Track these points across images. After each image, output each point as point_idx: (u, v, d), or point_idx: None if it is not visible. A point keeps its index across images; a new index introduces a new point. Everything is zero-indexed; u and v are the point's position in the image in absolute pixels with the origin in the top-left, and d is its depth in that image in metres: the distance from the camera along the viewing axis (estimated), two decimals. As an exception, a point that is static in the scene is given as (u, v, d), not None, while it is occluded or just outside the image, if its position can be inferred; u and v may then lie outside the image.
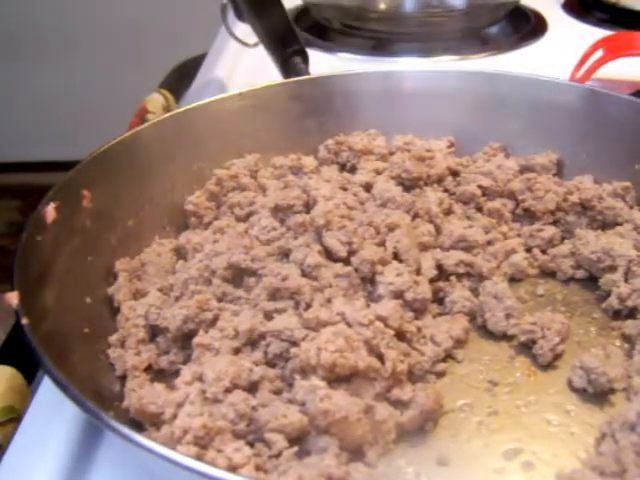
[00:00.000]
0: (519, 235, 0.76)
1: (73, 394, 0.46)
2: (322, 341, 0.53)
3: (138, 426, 0.53)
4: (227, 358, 0.55)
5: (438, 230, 0.73)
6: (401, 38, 1.37)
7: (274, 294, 0.62)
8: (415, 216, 0.73)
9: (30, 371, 0.70)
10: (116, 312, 0.65)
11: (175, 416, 0.51)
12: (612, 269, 0.69)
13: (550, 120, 0.84)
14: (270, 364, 0.57)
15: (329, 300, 0.61)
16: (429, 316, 0.65)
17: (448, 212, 0.76)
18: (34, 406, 0.62)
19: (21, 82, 3.03)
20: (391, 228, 0.69)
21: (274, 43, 0.97)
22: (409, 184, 0.78)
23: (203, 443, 0.49)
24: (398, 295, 0.63)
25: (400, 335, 0.60)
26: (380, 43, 1.36)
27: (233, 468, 0.48)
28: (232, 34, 1.13)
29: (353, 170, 0.84)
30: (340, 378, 0.54)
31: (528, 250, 0.74)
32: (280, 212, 0.71)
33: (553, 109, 0.84)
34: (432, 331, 0.62)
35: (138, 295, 0.66)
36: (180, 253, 0.72)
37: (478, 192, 0.78)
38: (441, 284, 0.69)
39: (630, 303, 0.66)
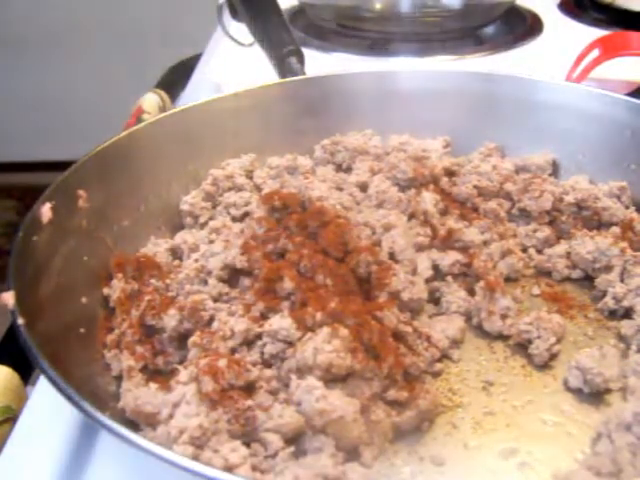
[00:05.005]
0: (515, 235, 0.76)
1: (69, 394, 0.46)
2: (318, 341, 0.53)
3: (134, 426, 0.53)
4: (224, 358, 0.55)
5: (434, 230, 0.73)
6: (397, 38, 1.37)
7: (270, 294, 0.62)
8: (411, 216, 0.73)
9: (26, 371, 0.70)
10: (112, 312, 0.65)
11: (171, 416, 0.51)
12: (608, 269, 0.70)
13: (546, 120, 0.85)
14: (266, 364, 0.57)
15: (325, 300, 0.61)
16: (425, 316, 0.66)
17: (444, 212, 0.76)
18: (30, 406, 0.62)
19: (18, 82, 3.03)
20: (387, 228, 0.70)
21: (270, 43, 0.96)
22: (405, 184, 0.78)
23: (199, 443, 0.49)
24: (394, 295, 0.63)
25: (396, 335, 0.60)
26: (376, 43, 1.36)
27: (229, 468, 0.48)
28: (228, 34, 1.13)
29: (349, 170, 0.84)
30: (336, 378, 0.54)
31: (524, 250, 0.75)
32: (276, 212, 0.71)
33: (549, 109, 0.84)
34: (428, 331, 0.62)
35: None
36: (176, 253, 0.72)
37: (474, 192, 0.78)
38: (437, 284, 0.69)
39: (626, 303, 0.66)
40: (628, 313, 0.66)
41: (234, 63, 1.22)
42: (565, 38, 1.33)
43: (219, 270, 0.65)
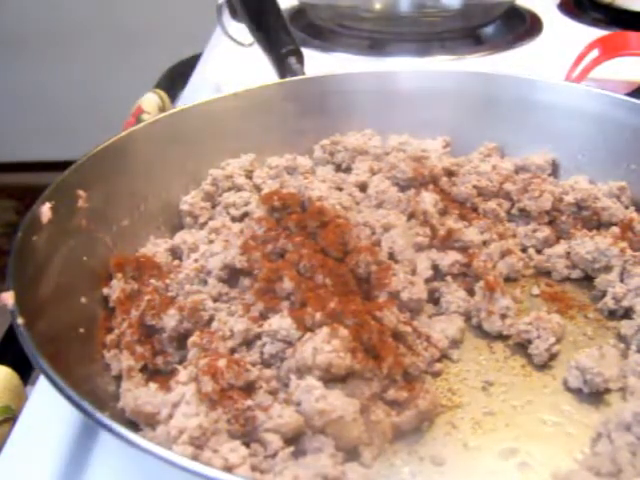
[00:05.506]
0: (515, 235, 0.76)
1: (69, 394, 0.46)
2: (318, 341, 0.53)
3: (134, 426, 0.53)
4: (224, 358, 0.55)
5: (433, 230, 0.73)
6: (396, 38, 1.37)
7: (270, 294, 0.62)
8: (410, 216, 0.73)
9: (26, 371, 0.70)
10: (112, 312, 0.65)
11: (171, 416, 0.51)
12: (607, 269, 0.70)
13: (545, 120, 0.84)
14: (266, 364, 0.57)
15: (325, 300, 0.61)
16: (425, 316, 0.65)
17: (443, 212, 0.76)
18: (30, 406, 0.62)
19: (18, 82, 3.03)
20: (386, 228, 0.70)
21: (269, 43, 0.96)
22: (404, 184, 0.78)
23: (199, 443, 0.48)
24: (394, 295, 0.63)
25: (396, 335, 0.60)
26: (375, 43, 1.36)
27: (229, 468, 0.47)
28: (228, 34, 1.13)
29: (348, 170, 0.84)
30: (336, 378, 0.53)
31: (524, 250, 0.75)
32: (276, 212, 0.71)
33: (548, 109, 0.84)
34: (428, 331, 0.62)
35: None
36: (175, 253, 0.72)
37: (474, 192, 0.78)
38: (437, 284, 0.69)
39: (625, 303, 0.66)
40: (628, 313, 0.66)
41: (234, 63, 1.23)
42: (565, 38, 1.33)
43: (219, 270, 0.65)
